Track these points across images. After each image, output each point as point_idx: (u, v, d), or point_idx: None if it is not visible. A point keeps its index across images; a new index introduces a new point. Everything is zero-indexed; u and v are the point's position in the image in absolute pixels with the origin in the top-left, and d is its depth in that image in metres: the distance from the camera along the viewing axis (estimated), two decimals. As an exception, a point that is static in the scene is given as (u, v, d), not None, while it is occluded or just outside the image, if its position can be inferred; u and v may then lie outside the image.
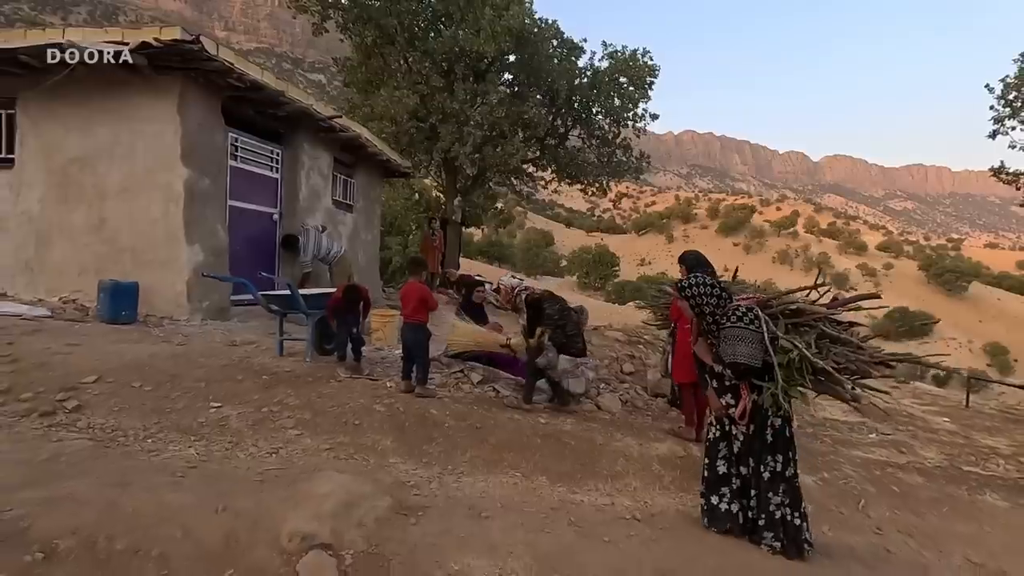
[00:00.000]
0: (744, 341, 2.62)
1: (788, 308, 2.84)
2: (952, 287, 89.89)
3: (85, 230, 5.66)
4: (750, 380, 2.73)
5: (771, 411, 2.73)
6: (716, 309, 2.77)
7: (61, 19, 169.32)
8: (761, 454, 2.79)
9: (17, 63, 5.37)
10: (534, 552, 2.44)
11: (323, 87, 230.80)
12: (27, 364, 3.72)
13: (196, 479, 2.64)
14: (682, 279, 2.98)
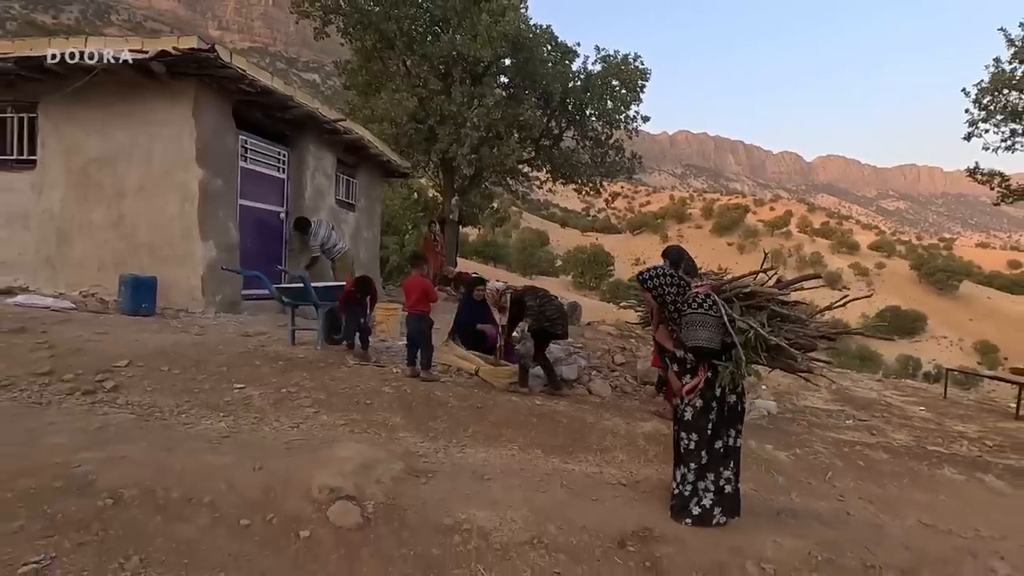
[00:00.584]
0: (705, 326, 2.83)
1: (742, 292, 3.09)
2: (943, 286, 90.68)
3: (104, 227, 5.97)
4: (709, 361, 2.93)
5: (728, 388, 2.96)
6: (677, 297, 2.99)
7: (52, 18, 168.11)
8: (717, 429, 2.98)
9: (40, 69, 5.67)
10: (530, 506, 2.79)
11: (317, 86, 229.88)
12: (64, 350, 4.03)
13: (231, 446, 2.98)
14: (642, 272, 3.17)
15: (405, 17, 10.68)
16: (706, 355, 2.89)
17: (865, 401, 8.41)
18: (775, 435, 5.01)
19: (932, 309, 77.58)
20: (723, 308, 2.90)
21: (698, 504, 2.92)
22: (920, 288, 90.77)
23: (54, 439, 2.72)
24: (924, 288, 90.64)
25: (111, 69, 5.52)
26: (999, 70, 9.23)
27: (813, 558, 2.77)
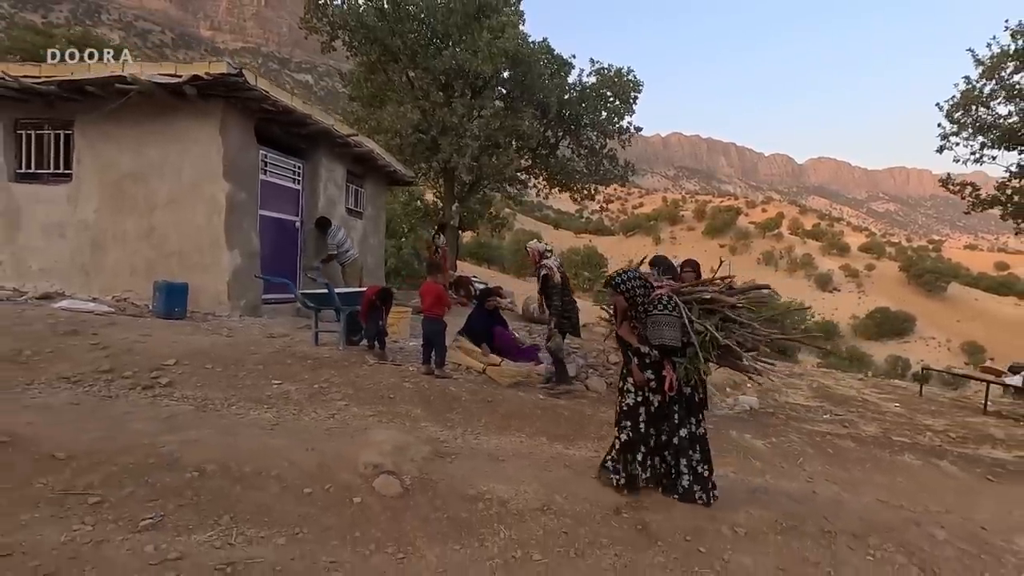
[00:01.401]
0: (669, 326, 3.16)
1: (701, 296, 3.51)
2: (932, 288, 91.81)
3: (136, 237, 6.42)
4: (670, 357, 3.22)
5: (683, 381, 3.28)
6: (644, 298, 3.26)
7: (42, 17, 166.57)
8: (680, 418, 3.30)
9: (79, 91, 6.12)
10: (539, 482, 3.29)
11: (310, 87, 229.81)
12: (117, 350, 4.50)
13: (282, 432, 3.46)
14: (614, 276, 3.39)
15: (409, 32, 11.18)
16: (668, 352, 3.21)
17: (844, 398, 8.98)
18: (754, 427, 5.54)
19: (921, 310, 78.69)
20: (683, 310, 3.27)
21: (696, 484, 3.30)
22: (909, 289, 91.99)
23: (135, 426, 3.19)
24: (913, 289, 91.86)
25: (145, 91, 5.98)
26: (969, 87, 9.84)
27: (779, 524, 3.28)
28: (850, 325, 72.58)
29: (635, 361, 3.28)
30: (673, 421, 3.31)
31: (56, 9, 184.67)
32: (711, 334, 3.31)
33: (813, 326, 56.65)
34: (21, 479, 2.52)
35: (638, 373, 3.27)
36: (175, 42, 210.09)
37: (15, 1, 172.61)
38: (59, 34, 26.59)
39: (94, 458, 2.75)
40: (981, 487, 4.82)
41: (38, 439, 2.84)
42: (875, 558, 3.11)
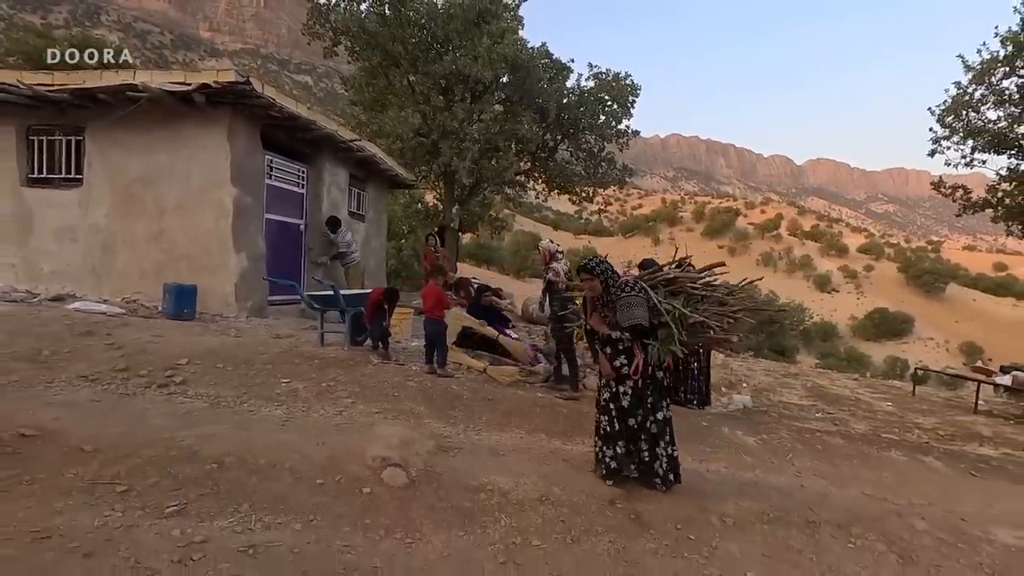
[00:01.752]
0: (639, 306, 3.24)
1: (665, 278, 3.62)
2: (930, 288, 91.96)
3: (146, 240, 6.59)
4: (641, 340, 3.32)
5: (655, 365, 3.37)
6: (613, 284, 3.37)
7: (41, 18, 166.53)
8: (653, 404, 3.41)
9: (90, 98, 6.29)
10: (538, 474, 3.47)
11: (309, 88, 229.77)
12: (131, 350, 4.67)
13: (293, 427, 3.63)
14: (589, 260, 3.46)
15: (410, 38, 11.36)
16: (640, 333, 3.29)
17: (837, 397, 9.14)
18: (747, 424, 5.71)
19: (919, 311, 78.90)
20: (649, 292, 3.38)
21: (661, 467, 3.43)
22: (908, 290, 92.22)
23: (155, 421, 3.36)
24: (911, 290, 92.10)
25: (154, 98, 6.16)
26: (960, 92, 10.04)
27: (766, 515, 3.45)
28: (849, 326, 72.76)
29: (606, 350, 3.38)
30: (647, 406, 3.40)
31: (55, 10, 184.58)
32: (679, 311, 3.42)
33: (812, 327, 56.88)
34: (52, 470, 2.70)
35: (605, 364, 3.39)
36: (174, 43, 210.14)
37: (14, 2, 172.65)
38: (60, 36, 26.80)
39: (119, 451, 2.92)
40: (964, 482, 4.99)
41: (65, 433, 3.02)
42: (856, 546, 3.28)
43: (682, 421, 5.22)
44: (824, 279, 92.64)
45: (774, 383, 9.95)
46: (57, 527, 2.26)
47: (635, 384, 3.36)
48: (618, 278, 3.42)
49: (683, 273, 3.75)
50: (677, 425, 5.07)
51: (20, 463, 2.70)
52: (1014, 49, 9.20)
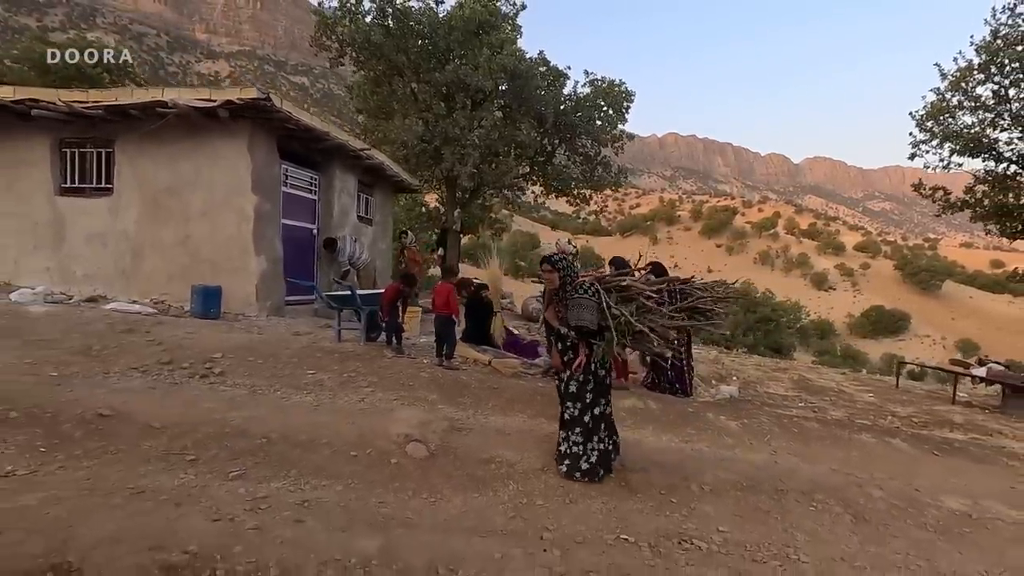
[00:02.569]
0: (588, 308, 3.36)
1: (620, 284, 3.75)
2: (926, 286, 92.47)
3: (172, 245, 7.07)
4: (587, 340, 3.45)
5: (598, 363, 3.53)
6: (571, 282, 3.48)
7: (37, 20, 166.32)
8: (592, 399, 3.57)
9: (121, 113, 6.78)
10: (540, 450, 3.96)
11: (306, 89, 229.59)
12: (170, 345, 5.16)
13: (323, 411, 4.12)
14: (551, 255, 3.62)
15: (412, 48, 11.85)
16: (585, 334, 3.42)
17: (821, 389, 9.65)
18: (730, 411, 6.20)
19: (916, 308, 79.51)
20: (603, 296, 3.48)
21: (587, 461, 3.55)
22: (904, 288, 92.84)
23: (205, 405, 3.85)
24: (908, 288, 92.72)
25: (181, 113, 6.64)
26: (938, 98, 10.55)
27: (739, 484, 3.95)
28: (846, 324, 73.25)
29: (557, 345, 3.58)
30: (585, 401, 3.57)
31: (51, 12, 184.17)
32: (626, 318, 3.55)
33: (809, 325, 57.39)
34: (131, 442, 3.19)
35: (556, 357, 3.60)
36: (170, 45, 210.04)
37: (9, 4, 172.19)
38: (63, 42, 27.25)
39: (182, 428, 3.42)
40: (926, 460, 5.49)
41: (134, 414, 3.51)
42: (817, 509, 3.79)
43: (670, 408, 5.76)
44: (821, 277, 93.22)
45: (763, 376, 10.46)
46: (147, 485, 2.75)
47: (577, 379, 3.54)
48: (576, 277, 3.56)
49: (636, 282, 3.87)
50: (666, 412, 5.62)
51: (104, 437, 3.19)
52: (988, 56, 9.73)
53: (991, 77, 10.03)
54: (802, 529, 3.47)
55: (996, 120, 10.16)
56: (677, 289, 6.23)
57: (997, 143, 9.96)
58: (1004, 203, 10.57)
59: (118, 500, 2.55)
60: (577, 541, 2.83)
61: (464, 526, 2.87)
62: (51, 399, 3.56)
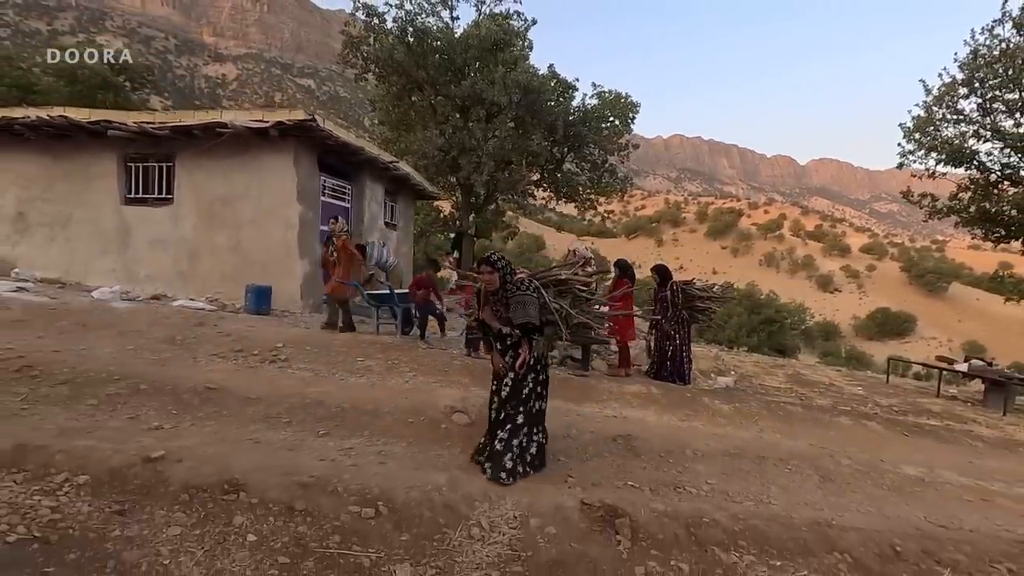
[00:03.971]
0: (532, 305, 3.35)
1: (557, 278, 3.95)
2: (933, 288, 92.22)
3: (225, 249, 7.91)
4: (529, 337, 3.42)
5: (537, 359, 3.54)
6: (510, 281, 3.46)
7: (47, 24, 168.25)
8: (527, 396, 3.55)
9: (181, 132, 7.63)
10: (560, 422, 4.74)
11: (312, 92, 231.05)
12: (237, 336, 5.98)
13: (379, 389, 4.93)
14: (491, 254, 3.50)
15: (431, 64, 12.68)
16: (530, 331, 3.39)
17: (813, 382, 10.38)
18: (725, 397, 6.97)
19: (922, 310, 79.50)
20: (542, 292, 3.51)
21: (511, 459, 3.42)
22: (910, 290, 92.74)
23: (284, 383, 4.67)
24: (914, 290, 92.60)
25: (236, 132, 7.49)
26: (925, 112, 11.28)
27: (727, 452, 4.72)
28: (851, 325, 73.34)
29: (497, 345, 3.53)
30: (521, 397, 3.54)
31: (60, 17, 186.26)
32: (565, 311, 3.72)
33: (814, 327, 57.73)
34: (236, 409, 4.01)
35: (497, 358, 3.51)
36: (178, 48, 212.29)
37: (20, 9, 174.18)
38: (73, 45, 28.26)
39: (272, 399, 4.23)
40: (896, 439, 6.24)
41: (232, 388, 4.33)
42: (791, 471, 4.55)
43: (670, 393, 6.54)
44: (826, 279, 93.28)
45: (760, 372, 11.20)
46: (260, 437, 3.56)
47: (514, 378, 3.49)
48: (514, 275, 3.53)
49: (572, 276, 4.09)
50: (667, 396, 6.39)
51: (215, 405, 4.01)
52: (968, 73, 10.46)
53: (974, 91, 10.76)
54: (776, 484, 4.24)
55: (979, 132, 10.88)
56: (680, 289, 7.04)
57: (978, 154, 10.67)
58: (987, 210, 11.28)
59: (246, 446, 3.36)
60: (593, 483, 3.62)
61: (497, 489, 3.66)
62: (165, 376, 4.39)
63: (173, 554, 2.22)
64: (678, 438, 4.89)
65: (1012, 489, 4.96)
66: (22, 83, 23.78)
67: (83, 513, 2.37)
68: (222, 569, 2.18)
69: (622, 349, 6.92)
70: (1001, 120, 10.64)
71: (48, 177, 8.22)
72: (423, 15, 12.84)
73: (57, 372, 4.14)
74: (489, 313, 3.48)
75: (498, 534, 2.75)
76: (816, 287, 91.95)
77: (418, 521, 2.75)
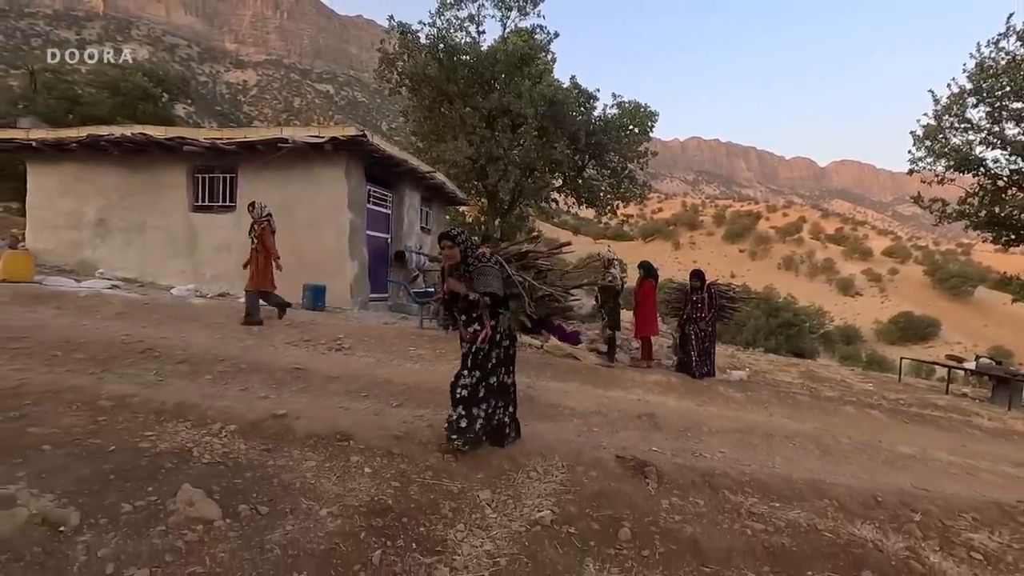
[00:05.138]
0: (494, 276, 3.37)
1: (519, 252, 3.94)
2: (957, 292, 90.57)
3: (284, 252, 8.69)
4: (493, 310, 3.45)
5: (503, 333, 3.59)
6: (472, 255, 3.48)
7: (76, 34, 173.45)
8: (493, 368, 3.60)
9: (244, 146, 8.51)
10: (591, 402, 5.46)
11: (331, 97, 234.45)
12: (303, 329, 6.80)
13: (433, 372, 5.69)
14: (452, 229, 3.53)
15: (461, 78, 13.51)
16: (494, 301, 3.42)
17: (823, 378, 10.92)
18: (738, 387, 7.61)
19: (946, 315, 78.18)
20: (504, 265, 3.56)
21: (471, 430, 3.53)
22: (934, 293, 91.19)
23: (354, 365, 5.45)
24: (938, 293, 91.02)
25: (294, 146, 8.34)
26: (933, 120, 11.76)
27: (738, 430, 5.39)
28: (873, 330, 72.48)
29: (462, 318, 3.58)
30: (485, 370, 3.61)
31: (88, 26, 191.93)
32: (529, 283, 3.70)
33: (834, 331, 57.35)
34: (321, 385, 4.79)
35: (463, 329, 3.59)
36: (201, 56, 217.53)
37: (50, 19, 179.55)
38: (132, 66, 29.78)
39: (348, 378, 5.01)
40: (896, 425, 6.82)
41: (313, 368, 5.11)
42: (794, 446, 5.20)
43: (688, 383, 7.21)
44: (847, 283, 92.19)
45: (773, 368, 11.75)
46: (347, 406, 4.33)
47: (478, 351, 3.56)
48: (476, 250, 3.55)
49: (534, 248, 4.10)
50: (685, 385, 7.05)
51: (303, 381, 4.80)
52: (974, 84, 10.96)
53: (983, 101, 11.23)
54: (780, 455, 4.89)
55: (988, 139, 11.34)
56: (716, 292, 7.68)
57: (985, 161, 11.14)
58: (996, 214, 11.71)
59: (339, 411, 4.14)
60: (623, 447, 4.32)
61: (547, 441, 4.39)
62: (255, 358, 5.20)
63: (315, 477, 2.99)
64: (695, 418, 5.57)
65: (998, 467, 5.55)
66: (69, 95, 25.21)
67: (241, 449, 3.15)
68: (353, 488, 2.93)
69: (644, 342, 7.61)
70: (1009, 128, 11.10)
71: (126, 188, 9.18)
72: (452, 30, 13.68)
73: (173, 354, 4.98)
74: (454, 281, 3.44)
75: (551, 476, 3.47)
76: (836, 291, 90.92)
77: (486, 465, 3.49)
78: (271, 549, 2.29)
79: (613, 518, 3.01)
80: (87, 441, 2.91)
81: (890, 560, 3.01)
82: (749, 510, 3.37)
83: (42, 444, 2.80)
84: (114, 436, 3.02)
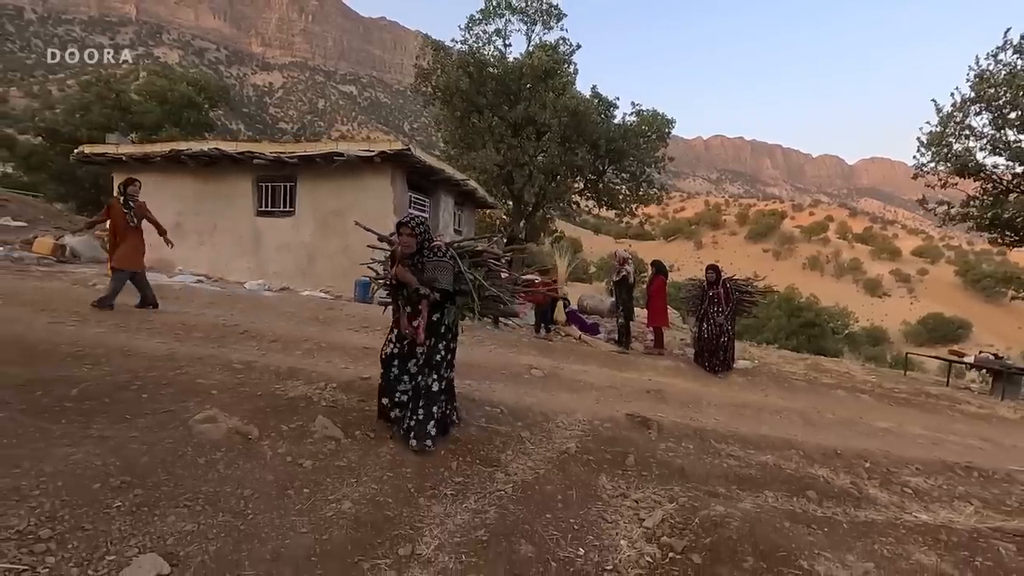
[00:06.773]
0: (447, 270, 3.35)
1: (473, 249, 3.86)
2: (990, 293, 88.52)
3: (336, 252, 9.93)
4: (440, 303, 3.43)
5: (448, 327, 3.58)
6: (427, 246, 3.41)
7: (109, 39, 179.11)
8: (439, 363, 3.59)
9: (306, 160, 9.70)
10: (608, 380, 6.45)
11: (354, 98, 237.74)
12: (359, 316, 7.92)
13: (472, 355, 6.75)
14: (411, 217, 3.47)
15: (489, 90, 14.58)
16: (443, 296, 3.41)
17: (827, 370, 11.65)
18: (740, 373, 8.50)
19: (978, 316, 76.65)
20: (458, 260, 3.51)
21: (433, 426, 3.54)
22: (965, 294, 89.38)
23: (410, 347, 6.53)
24: (970, 294, 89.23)
25: (347, 159, 9.49)
26: (937, 128, 12.42)
27: (734, 405, 6.33)
28: (900, 331, 71.46)
29: (407, 309, 3.50)
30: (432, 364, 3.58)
31: (122, 31, 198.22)
32: (479, 282, 3.63)
33: (860, 332, 56.82)
34: (387, 360, 5.87)
35: (405, 322, 3.50)
36: (228, 59, 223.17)
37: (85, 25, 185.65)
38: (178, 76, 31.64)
39: (408, 356, 6.09)
40: (882, 407, 7.65)
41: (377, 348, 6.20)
42: (781, 418, 6.12)
43: (695, 369, 8.13)
44: (874, 283, 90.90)
45: (782, 361, 12.54)
46: (411, 376, 5.40)
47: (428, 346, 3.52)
48: (432, 241, 3.49)
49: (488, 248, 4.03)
50: (693, 371, 7.96)
51: (373, 358, 5.88)
52: (976, 94, 11.60)
53: (985, 109, 11.86)
54: (767, 424, 5.83)
55: (990, 145, 11.96)
56: (732, 287, 8.36)
57: (985, 167, 11.77)
58: (999, 215, 12.31)
59: (407, 379, 5.20)
60: (634, 410, 5.31)
61: (571, 406, 5.40)
62: (330, 339, 6.33)
63: (401, 419, 4.05)
64: (697, 395, 6.53)
65: (965, 440, 6.38)
66: (121, 105, 27.02)
67: (344, 399, 4.23)
68: (429, 426, 3.99)
69: (657, 332, 8.56)
70: (1010, 135, 11.73)
71: (199, 194, 10.47)
72: (480, 44, 14.78)
73: (265, 335, 6.13)
74: (402, 269, 3.40)
75: (574, 426, 4.49)
76: (863, 291, 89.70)
77: (524, 416, 4.52)
78: (384, 455, 3.37)
79: (622, 452, 4.01)
80: (239, 389, 4.03)
81: (833, 488, 3.95)
82: (729, 453, 4.35)
83: (211, 390, 3.92)
84: (255, 387, 4.14)
